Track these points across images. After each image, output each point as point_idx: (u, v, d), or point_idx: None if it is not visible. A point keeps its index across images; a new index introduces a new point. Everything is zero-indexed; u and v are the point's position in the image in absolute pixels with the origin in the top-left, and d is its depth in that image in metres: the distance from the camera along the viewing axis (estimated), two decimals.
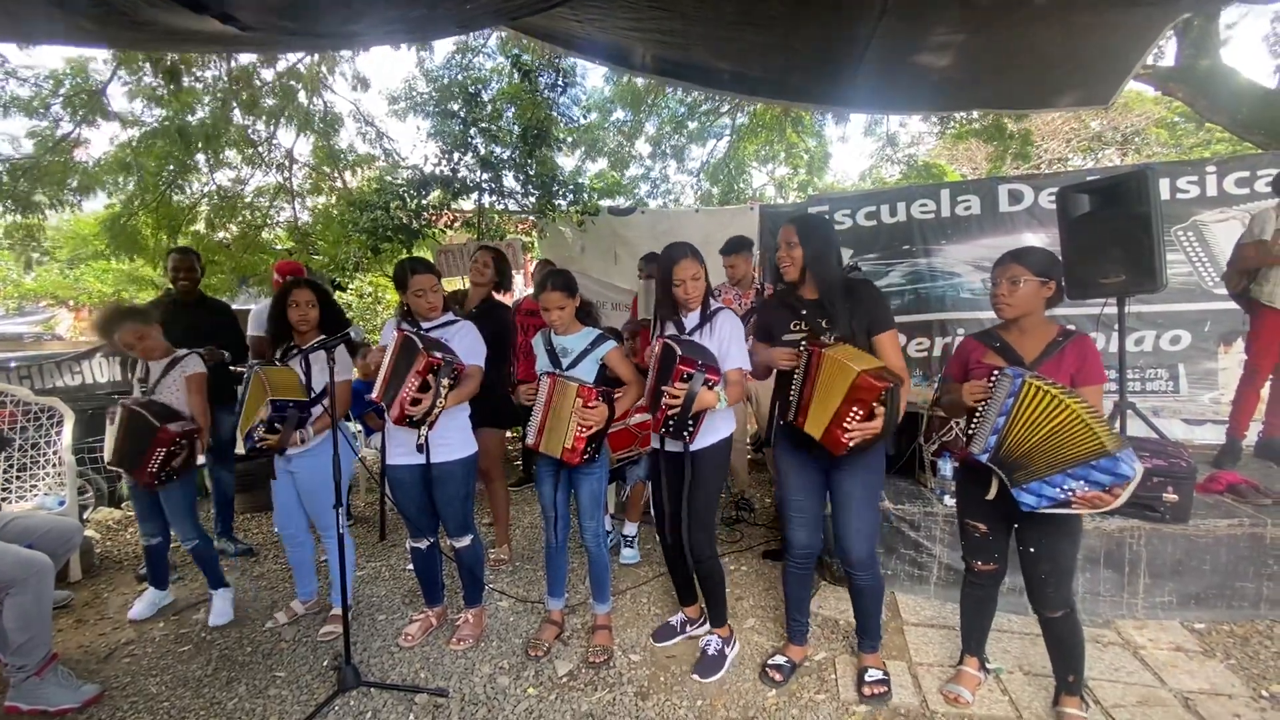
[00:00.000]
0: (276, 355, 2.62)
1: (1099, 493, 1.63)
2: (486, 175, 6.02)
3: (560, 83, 6.39)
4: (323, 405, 2.54)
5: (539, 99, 6.03)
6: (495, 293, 3.34)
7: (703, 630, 2.58)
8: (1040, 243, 4.42)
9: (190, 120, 5.77)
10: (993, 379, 1.79)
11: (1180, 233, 4.39)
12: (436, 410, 2.20)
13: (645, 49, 3.37)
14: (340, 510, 2.30)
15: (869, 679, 2.15)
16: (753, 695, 2.19)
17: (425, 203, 6.04)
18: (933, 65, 3.23)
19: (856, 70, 3.27)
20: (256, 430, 2.40)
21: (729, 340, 2.21)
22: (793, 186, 11.30)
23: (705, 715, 2.11)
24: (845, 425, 1.83)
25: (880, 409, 1.79)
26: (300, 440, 2.49)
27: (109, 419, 2.64)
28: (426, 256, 5.74)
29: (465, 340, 2.44)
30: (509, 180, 6.20)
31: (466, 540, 2.54)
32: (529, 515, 4.07)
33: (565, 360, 2.34)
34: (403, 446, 2.40)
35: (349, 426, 4.23)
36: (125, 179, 5.99)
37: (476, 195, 6.13)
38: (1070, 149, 12.74)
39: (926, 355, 4.90)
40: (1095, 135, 12.53)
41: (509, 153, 6.04)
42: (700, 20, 2.92)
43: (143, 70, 5.60)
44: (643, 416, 3.11)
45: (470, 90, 6.03)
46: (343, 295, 8.64)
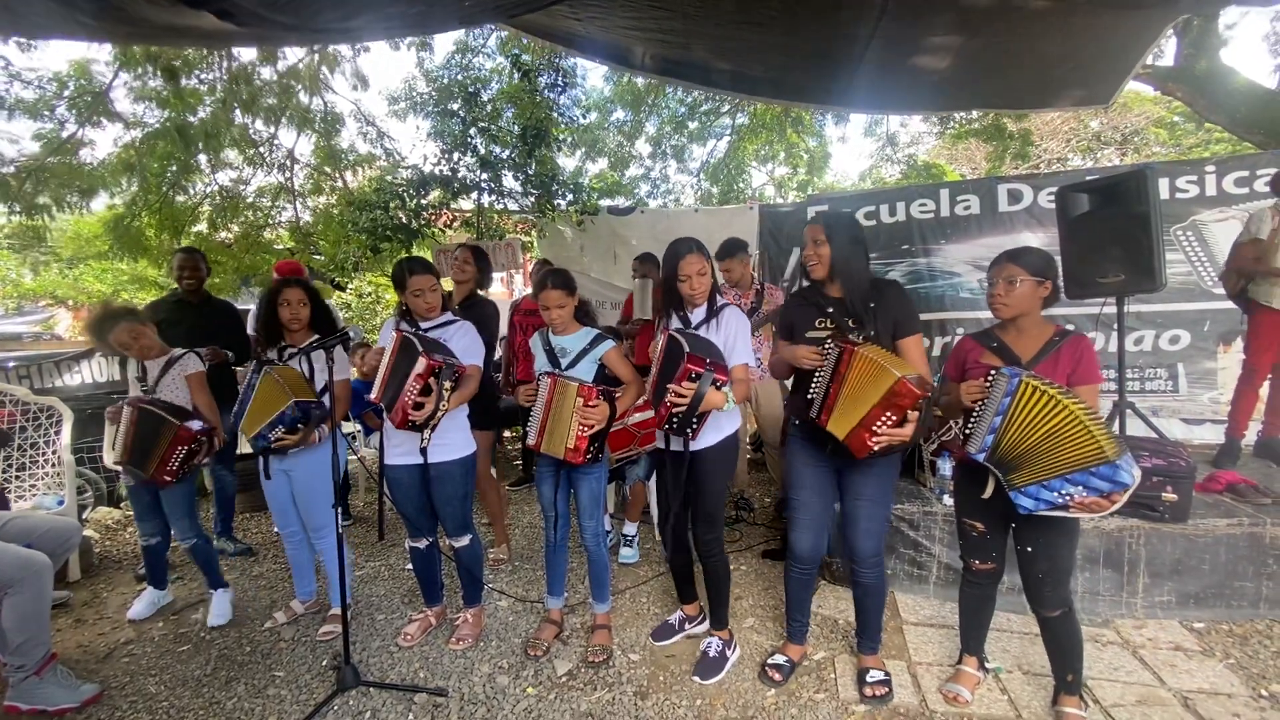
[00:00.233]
0: (277, 355, 2.61)
1: (1097, 498, 1.64)
2: (485, 175, 6.02)
3: (560, 82, 6.39)
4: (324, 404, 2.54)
5: (538, 99, 6.03)
6: (478, 290, 3.36)
7: (701, 629, 2.58)
8: (1039, 242, 4.42)
9: (190, 120, 5.77)
10: (989, 378, 1.80)
11: (1179, 232, 4.39)
12: (439, 414, 2.20)
13: (645, 48, 3.38)
14: (338, 510, 2.29)
15: (870, 679, 2.15)
16: (752, 695, 2.19)
17: (425, 203, 6.04)
18: (932, 65, 3.23)
19: (856, 70, 3.27)
20: (274, 431, 2.40)
21: (735, 336, 2.20)
22: (792, 186, 11.31)
23: (704, 715, 2.11)
24: (875, 429, 1.79)
25: (915, 415, 1.77)
26: (318, 438, 2.50)
27: (108, 419, 2.63)
28: (426, 256, 5.73)
29: (463, 340, 2.44)
30: (508, 180, 6.20)
31: (465, 540, 2.54)
32: (528, 515, 4.07)
33: (564, 360, 2.34)
34: (401, 446, 2.40)
35: (343, 426, 4.23)
36: (129, 180, 6.00)
37: (476, 195, 6.13)
38: (1069, 149, 12.75)
39: (926, 355, 4.90)
40: (1095, 135, 12.54)
41: (508, 153, 6.04)
42: (700, 19, 2.92)
43: (146, 74, 5.60)
44: (642, 415, 3.11)
45: (470, 90, 6.03)
46: (342, 295, 8.65)
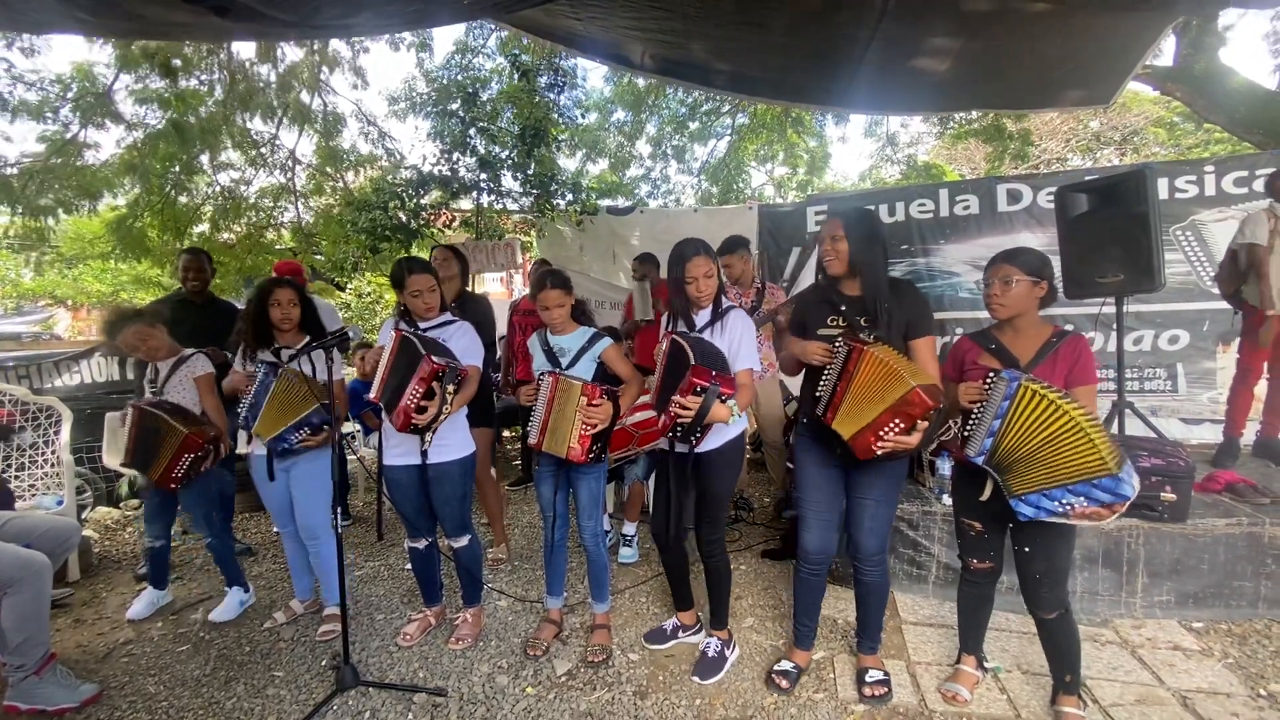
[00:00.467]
0: (274, 356, 2.61)
1: (1098, 508, 1.63)
2: (485, 175, 6.02)
3: (559, 82, 6.39)
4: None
5: (537, 99, 6.04)
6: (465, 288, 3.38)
7: (696, 638, 2.55)
8: (1039, 243, 4.43)
9: (189, 119, 5.77)
10: (988, 381, 1.79)
11: (1179, 232, 4.40)
12: (442, 417, 2.20)
13: (645, 48, 3.38)
14: (337, 510, 2.29)
15: (869, 679, 2.15)
16: (751, 695, 2.19)
17: (424, 203, 6.04)
18: (933, 66, 3.23)
19: (856, 71, 3.28)
20: (298, 434, 2.39)
21: (740, 340, 2.18)
22: (791, 186, 11.31)
23: (704, 714, 2.11)
24: (881, 434, 1.77)
25: (923, 425, 1.75)
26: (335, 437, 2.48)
27: (121, 420, 2.64)
28: (425, 257, 5.73)
29: (462, 341, 2.44)
30: (507, 180, 6.21)
31: (464, 540, 2.54)
32: (528, 514, 4.07)
33: (563, 360, 2.34)
34: (400, 447, 2.40)
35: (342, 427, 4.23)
36: (132, 181, 6.01)
37: (475, 195, 6.13)
38: (1069, 149, 12.75)
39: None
40: (1094, 135, 12.54)
41: (507, 153, 6.04)
42: (700, 20, 2.92)
43: (146, 75, 5.61)
44: (641, 415, 3.11)
45: (469, 90, 6.04)
46: (342, 295, 8.65)
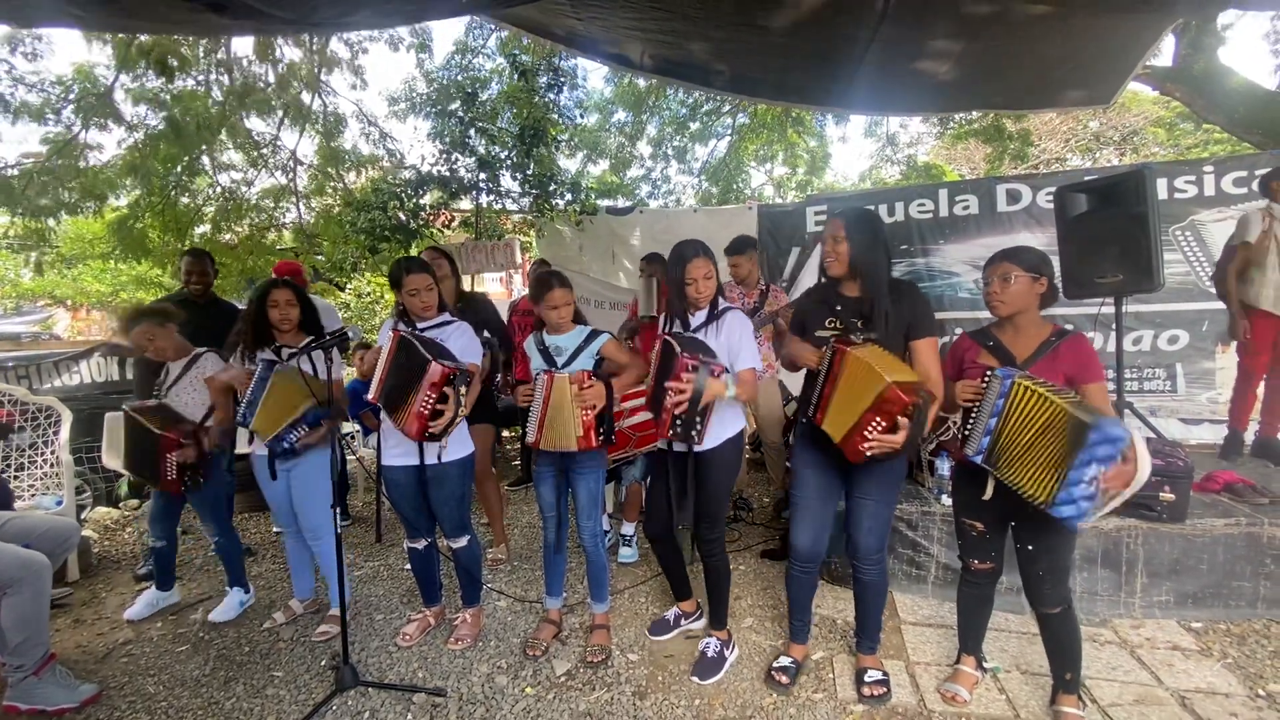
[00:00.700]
0: (275, 355, 2.61)
1: (1118, 465, 1.57)
2: (484, 175, 6.02)
3: (558, 82, 6.39)
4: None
5: (536, 100, 6.04)
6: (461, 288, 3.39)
7: (698, 625, 2.59)
8: (1038, 243, 4.42)
9: (185, 118, 5.77)
10: (985, 380, 1.81)
11: (1178, 232, 4.40)
12: (457, 420, 2.20)
13: (645, 48, 3.38)
14: (336, 510, 2.29)
15: (868, 679, 2.15)
16: (750, 695, 2.19)
17: (423, 203, 6.04)
18: (933, 68, 3.23)
19: (856, 72, 3.28)
20: (296, 431, 2.39)
21: (740, 339, 2.19)
22: (791, 186, 11.31)
23: (703, 714, 2.11)
24: (865, 434, 1.78)
25: (905, 422, 1.74)
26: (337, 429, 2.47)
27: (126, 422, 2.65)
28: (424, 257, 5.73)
29: (461, 340, 2.44)
30: (506, 180, 6.21)
31: (464, 540, 2.54)
32: (527, 514, 4.07)
33: (560, 359, 2.34)
34: (399, 447, 2.40)
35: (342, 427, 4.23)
36: (134, 182, 6.02)
37: (474, 195, 6.13)
38: (1068, 149, 12.76)
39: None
40: (1094, 135, 12.55)
41: (506, 153, 6.04)
42: (701, 21, 2.92)
43: (143, 75, 5.61)
44: (640, 418, 3.11)
45: (468, 90, 6.04)
46: (342, 295, 8.65)
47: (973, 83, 3.51)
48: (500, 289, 11.44)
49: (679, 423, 2.05)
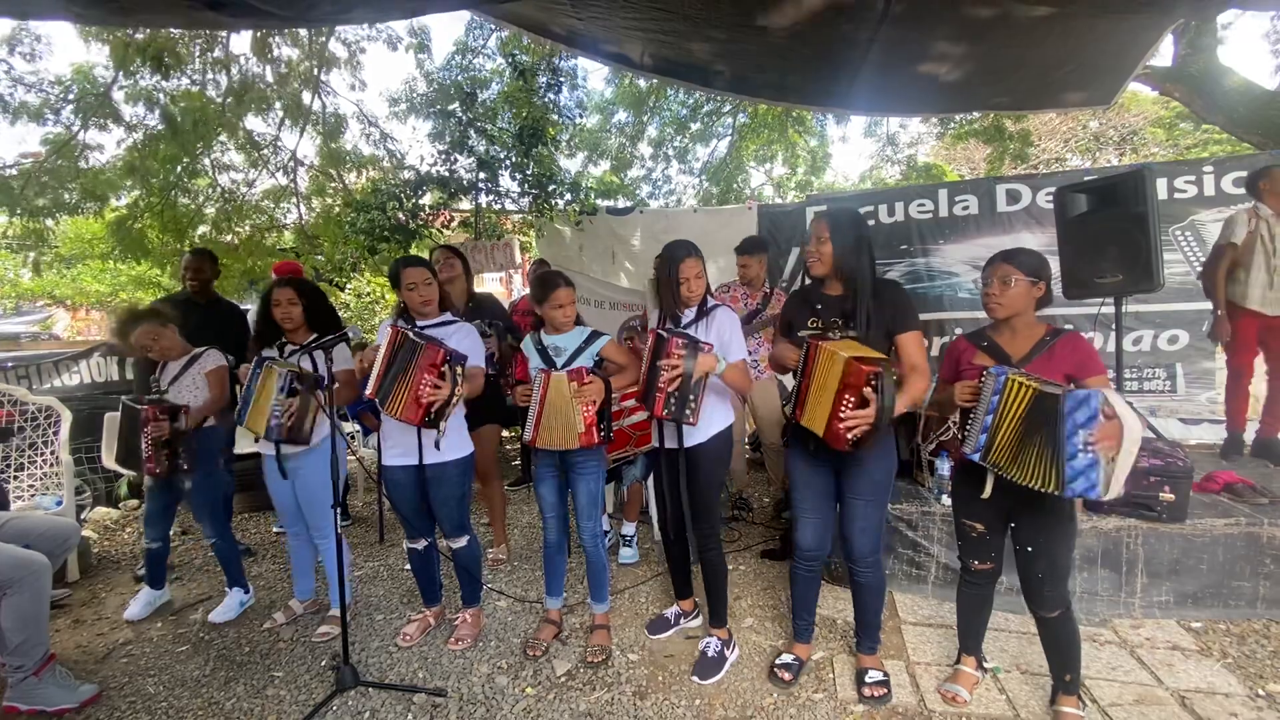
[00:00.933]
0: (278, 352, 2.61)
1: (1101, 423, 1.58)
2: (483, 175, 6.02)
3: (557, 82, 6.39)
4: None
5: (535, 100, 6.03)
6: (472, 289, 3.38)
7: (696, 624, 2.60)
8: (1038, 243, 4.43)
9: (182, 115, 5.75)
10: (981, 379, 1.84)
11: (1178, 232, 4.40)
12: (455, 400, 2.20)
13: (646, 48, 3.37)
14: (336, 510, 2.29)
15: (869, 680, 2.15)
16: (751, 695, 2.19)
17: (422, 203, 6.04)
18: (933, 70, 3.23)
19: (856, 74, 3.27)
20: (276, 415, 2.37)
21: (729, 335, 2.24)
22: (790, 186, 11.31)
23: (703, 714, 2.11)
24: (841, 415, 1.80)
25: (872, 394, 1.75)
26: (322, 401, 2.41)
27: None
28: (424, 256, 5.73)
29: (465, 341, 2.42)
30: (505, 180, 6.20)
31: (463, 541, 2.54)
32: (527, 515, 4.07)
33: (560, 359, 2.34)
34: (398, 447, 2.40)
35: (344, 427, 4.23)
36: (133, 182, 6.02)
37: (473, 195, 6.13)
38: (1068, 149, 12.76)
39: (925, 352, 4.91)
40: (1093, 135, 12.55)
41: (506, 153, 6.04)
42: (701, 22, 2.92)
43: (138, 72, 5.59)
44: (640, 416, 3.11)
45: (466, 91, 6.04)
46: (341, 295, 8.64)
47: (974, 84, 3.51)
48: (500, 289, 11.43)
49: (673, 400, 2.07)
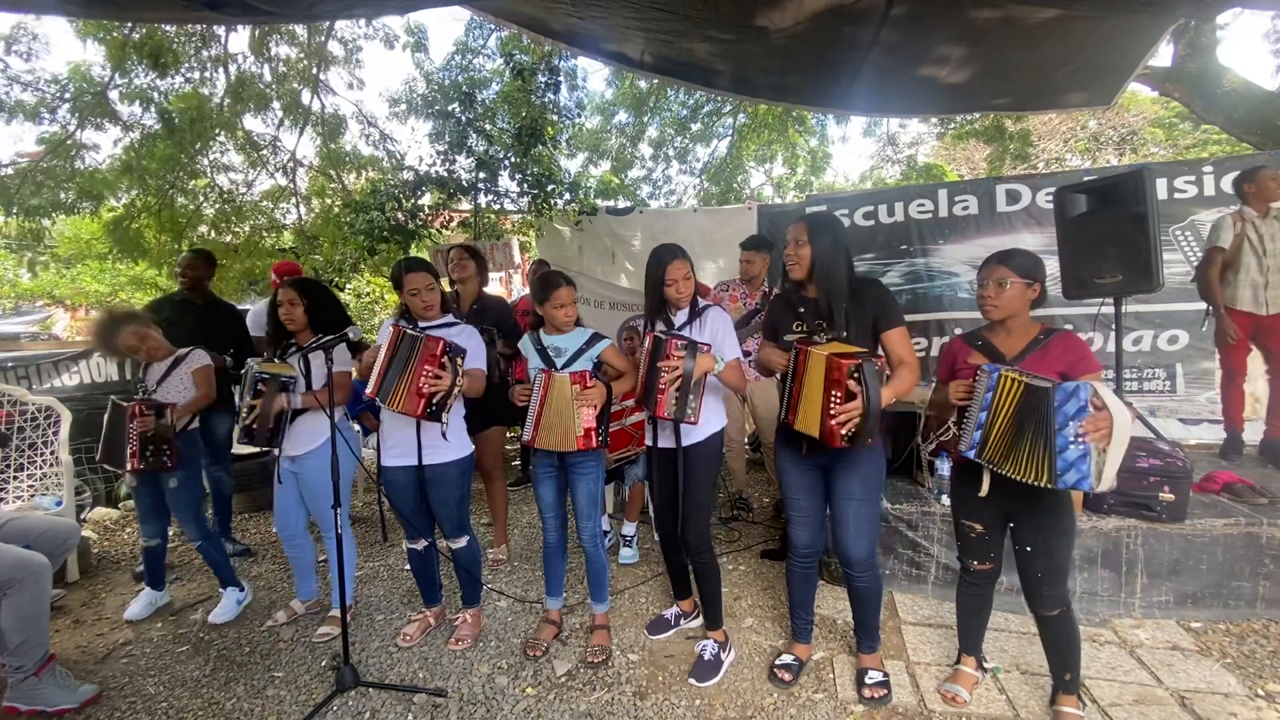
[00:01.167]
0: (275, 353, 2.63)
1: (1091, 414, 1.61)
2: (482, 175, 6.02)
3: (555, 81, 6.38)
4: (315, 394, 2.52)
5: (533, 100, 6.03)
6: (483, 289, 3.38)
7: (696, 624, 2.60)
8: (1038, 243, 4.43)
9: (180, 114, 5.74)
10: (975, 378, 1.86)
11: (1178, 232, 4.40)
12: (456, 390, 2.21)
13: (646, 47, 3.37)
14: (339, 510, 2.29)
15: (869, 680, 2.15)
16: (751, 695, 2.20)
17: (421, 203, 6.04)
18: (934, 72, 3.23)
19: (857, 75, 3.27)
20: (243, 409, 2.39)
21: (721, 335, 2.26)
22: (790, 186, 11.31)
23: (703, 714, 2.11)
24: (831, 412, 1.83)
25: (856, 386, 1.79)
26: (286, 404, 2.44)
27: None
28: (424, 257, 5.73)
29: (467, 344, 2.41)
30: (504, 180, 6.20)
31: (463, 541, 2.54)
32: (527, 515, 4.07)
33: (560, 360, 2.34)
34: (398, 448, 2.40)
35: (352, 428, 4.22)
36: (130, 182, 6.00)
37: (472, 195, 6.13)
38: (1067, 149, 12.77)
39: (924, 355, 4.91)
40: (1093, 135, 12.56)
41: (504, 152, 6.03)
42: (701, 22, 2.92)
43: (139, 72, 5.59)
44: (641, 416, 3.11)
45: (465, 91, 6.04)
46: (341, 295, 8.62)
47: (974, 85, 3.51)
48: (500, 289, 11.43)
49: (674, 400, 2.09)
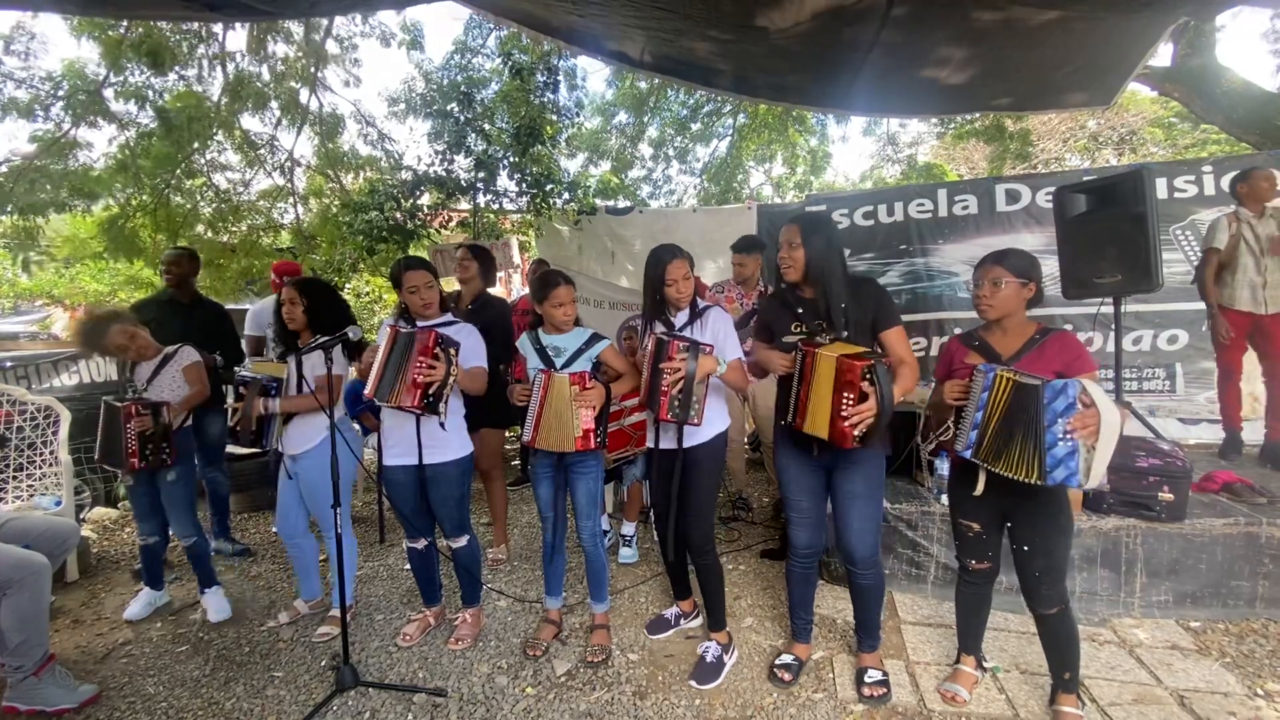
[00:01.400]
0: (279, 353, 2.64)
1: (1080, 412, 1.64)
2: (481, 175, 6.01)
3: (554, 80, 6.38)
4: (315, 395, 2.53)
5: (532, 99, 6.03)
6: (486, 289, 3.37)
7: (696, 624, 2.60)
8: (1037, 242, 4.44)
9: (177, 113, 5.73)
10: (971, 378, 1.86)
11: (1179, 231, 4.40)
12: (452, 380, 2.22)
13: (646, 46, 3.37)
14: (339, 510, 2.29)
15: (869, 679, 2.15)
16: (751, 694, 2.20)
17: (420, 203, 6.03)
18: (934, 72, 3.23)
19: (857, 75, 3.27)
20: (229, 410, 2.42)
21: (723, 335, 2.25)
22: (789, 186, 11.32)
23: (703, 714, 2.11)
24: (843, 414, 1.82)
25: (869, 387, 1.79)
26: (264, 408, 2.45)
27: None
28: (424, 256, 5.73)
29: (466, 342, 2.42)
30: (503, 179, 6.20)
31: (463, 541, 2.54)
32: (527, 514, 4.07)
33: (559, 359, 2.34)
34: (398, 447, 2.40)
35: (352, 427, 4.22)
36: (125, 181, 5.99)
37: (471, 195, 6.13)
38: (1066, 148, 12.77)
39: (924, 355, 4.91)
40: (1092, 135, 12.56)
41: (503, 152, 6.03)
42: (702, 21, 2.91)
43: (135, 70, 5.58)
44: (640, 416, 3.11)
45: (463, 90, 6.04)
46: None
47: (974, 86, 3.50)
48: (500, 289, 11.43)
49: (677, 402, 2.08)
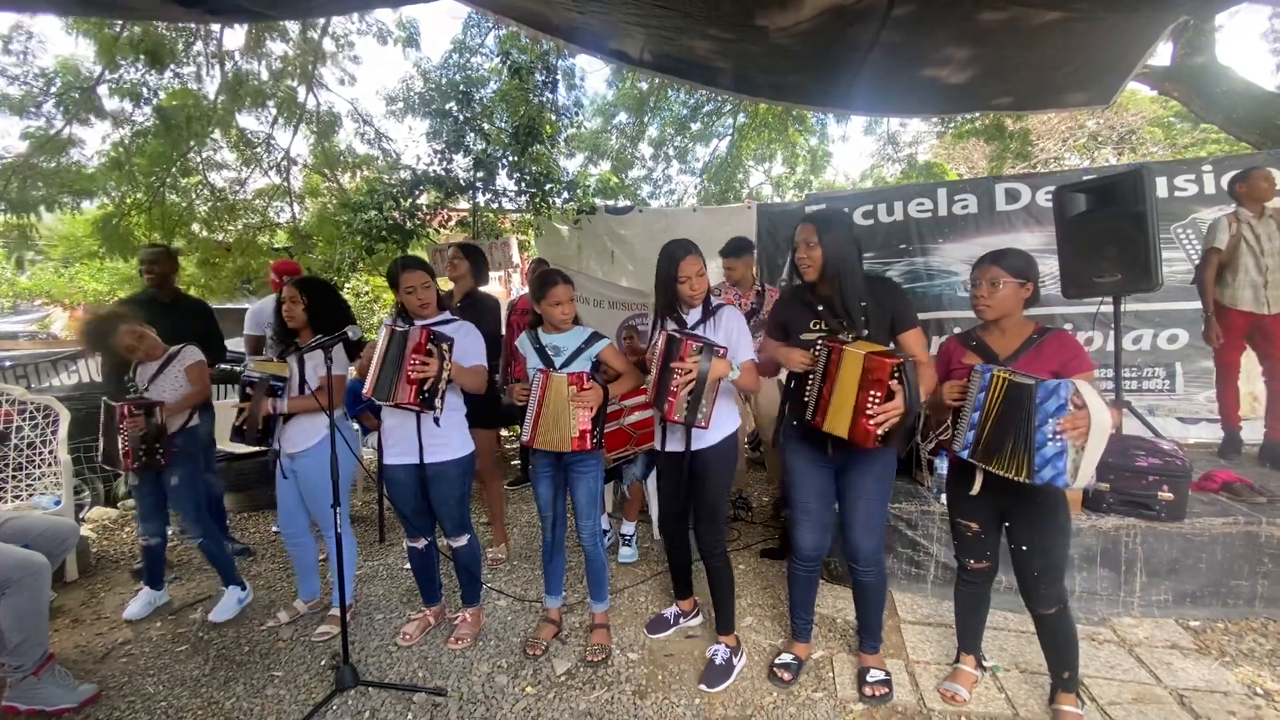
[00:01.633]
0: (280, 352, 2.64)
1: (1071, 413, 1.64)
2: (480, 174, 6.01)
3: (552, 79, 6.37)
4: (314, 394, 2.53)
5: (530, 98, 6.02)
6: (477, 287, 3.37)
7: (696, 623, 2.61)
8: (1037, 242, 4.44)
9: (175, 111, 5.72)
10: (969, 378, 1.87)
11: (1179, 230, 4.40)
12: (446, 374, 2.23)
13: (646, 44, 3.36)
14: (339, 510, 2.29)
15: (870, 679, 2.15)
16: (750, 694, 2.20)
17: (419, 202, 6.03)
18: (934, 72, 3.23)
19: (857, 75, 3.27)
20: (239, 420, 2.41)
21: (736, 335, 2.21)
22: (789, 185, 11.31)
23: (703, 713, 2.11)
24: (869, 412, 1.80)
25: (898, 386, 1.77)
26: (273, 408, 2.45)
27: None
28: (422, 256, 5.72)
29: (464, 340, 2.43)
30: (502, 179, 6.19)
31: (463, 540, 2.54)
32: (527, 514, 4.07)
33: (558, 359, 2.33)
34: (398, 446, 2.40)
35: (351, 426, 4.22)
36: (119, 179, 5.97)
37: (470, 194, 6.12)
38: (1066, 148, 12.78)
39: (927, 348, 4.92)
40: (1091, 135, 12.57)
41: (502, 151, 6.03)
42: (702, 19, 2.91)
43: (131, 68, 5.57)
44: (639, 415, 3.11)
45: (462, 90, 6.03)
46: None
47: (975, 85, 3.50)
48: (499, 288, 11.43)
49: (686, 404, 2.05)
